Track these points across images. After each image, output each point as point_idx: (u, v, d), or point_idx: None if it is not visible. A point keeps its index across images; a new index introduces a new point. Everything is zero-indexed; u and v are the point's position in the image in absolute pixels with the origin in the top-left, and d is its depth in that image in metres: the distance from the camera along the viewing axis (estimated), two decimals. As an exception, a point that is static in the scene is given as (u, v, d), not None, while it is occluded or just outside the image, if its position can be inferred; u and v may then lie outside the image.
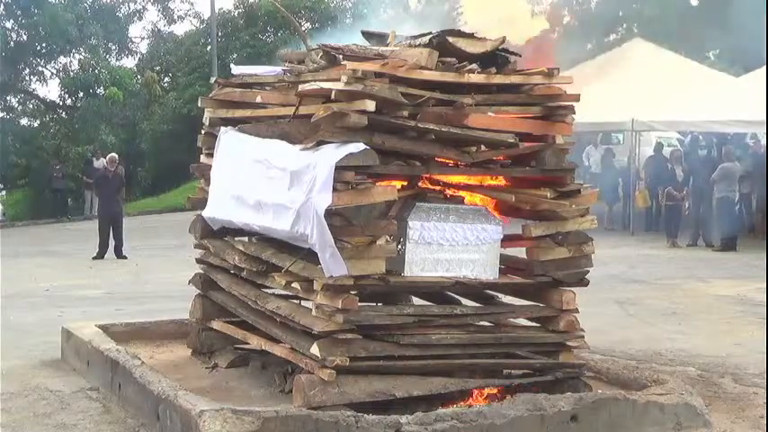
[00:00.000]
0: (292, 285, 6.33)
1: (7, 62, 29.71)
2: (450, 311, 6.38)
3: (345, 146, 5.81)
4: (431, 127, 6.09)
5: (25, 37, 30.83)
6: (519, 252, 6.70)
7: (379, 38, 7.09)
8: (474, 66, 6.25)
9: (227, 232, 7.42)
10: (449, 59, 6.19)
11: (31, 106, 33.69)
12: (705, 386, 7.30)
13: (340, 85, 5.88)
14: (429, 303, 6.94)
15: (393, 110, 5.97)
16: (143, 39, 36.57)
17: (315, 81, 6.32)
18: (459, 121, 6.15)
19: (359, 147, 5.79)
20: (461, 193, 6.78)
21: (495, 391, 6.39)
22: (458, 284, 6.38)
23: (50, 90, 34.01)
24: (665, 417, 6.12)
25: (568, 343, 6.56)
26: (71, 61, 32.40)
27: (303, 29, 7.99)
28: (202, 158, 7.90)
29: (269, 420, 5.29)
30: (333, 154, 5.80)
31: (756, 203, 19.61)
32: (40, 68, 32.42)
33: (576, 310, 6.54)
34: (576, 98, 6.49)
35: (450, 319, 6.32)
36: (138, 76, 32.99)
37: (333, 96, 5.96)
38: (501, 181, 6.70)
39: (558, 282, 6.54)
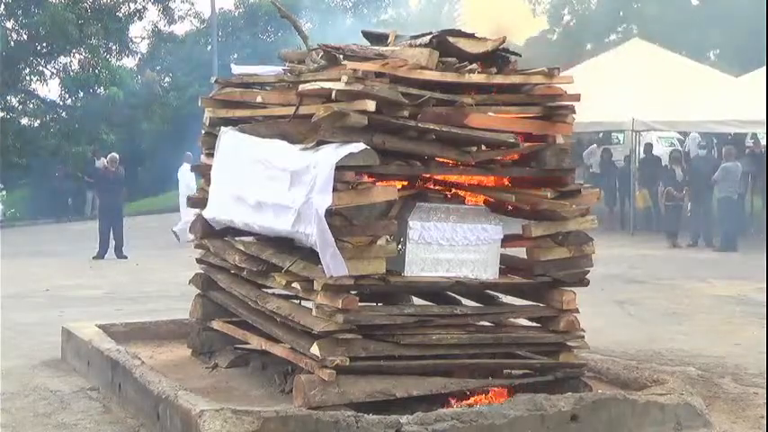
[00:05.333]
0: (292, 285, 6.33)
1: (7, 62, 29.69)
2: (451, 311, 6.38)
3: (346, 146, 5.81)
4: (431, 127, 6.09)
5: (25, 37, 30.80)
6: (519, 252, 6.70)
7: (380, 38, 7.09)
8: (474, 66, 6.25)
9: (227, 232, 7.42)
10: (449, 59, 6.19)
11: (31, 106, 33.60)
12: (705, 386, 7.30)
13: (340, 85, 5.88)
14: (429, 303, 6.94)
15: (393, 110, 5.97)
16: (143, 39, 36.49)
17: (315, 81, 6.32)
18: (460, 121, 6.15)
19: (359, 147, 5.79)
20: (462, 193, 6.78)
21: (495, 391, 6.39)
22: (458, 284, 6.38)
23: (50, 90, 33.87)
24: (665, 417, 6.12)
25: (568, 343, 6.56)
26: (71, 61, 32.35)
27: (304, 29, 7.95)
28: (202, 158, 7.91)
29: (269, 420, 5.29)
30: (333, 154, 5.80)
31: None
32: (40, 68, 32.36)
33: (576, 310, 6.53)
34: (577, 98, 6.49)
35: (450, 319, 6.32)
36: (138, 76, 32.96)
37: (333, 96, 5.96)
38: (501, 181, 6.71)
39: (559, 282, 6.53)
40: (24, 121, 33.25)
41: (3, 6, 30.23)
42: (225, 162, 7.23)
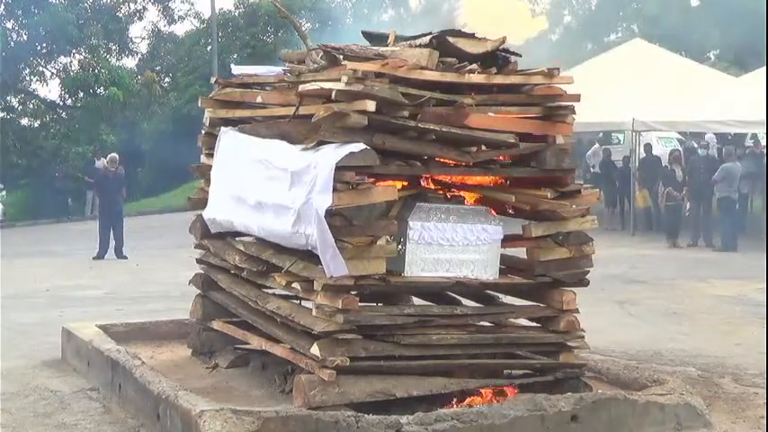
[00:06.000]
0: (292, 285, 6.33)
1: (7, 62, 29.68)
2: (451, 312, 6.38)
3: (346, 146, 5.81)
4: (431, 127, 6.09)
5: (25, 37, 30.79)
6: (519, 252, 6.71)
7: (380, 38, 7.09)
8: (474, 66, 6.25)
9: (228, 233, 7.41)
10: (449, 59, 6.19)
11: (31, 106, 33.60)
12: (705, 386, 7.30)
13: (340, 86, 5.89)
14: (429, 303, 6.94)
15: (393, 110, 5.97)
16: (143, 39, 36.49)
17: (315, 81, 6.32)
18: (460, 121, 6.15)
19: (359, 147, 5.80)
20: (462, 193, 6.78)
21: (495, 391, 6.39)
22: (458, 285, 6.38)
23: (50, 90, 33.86)
24: (665, 417, 6.12)
25: (569, 343, 6.56)
26: (71, 61, 32.35)
27: (303, 29, 7.96)
28: (202, 158, 7.91)
29: (269, 420, 5.30)
30: (333, 154, 5.80)
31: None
32: (40, 68, 32.36)
33: (577, 310, 6.54)
34: (577, 98, 6.49)
35: (450, 320, 6.32)
36: (138, 77, 32.94)
37: (333, 96, 5.96)
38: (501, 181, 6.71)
39: (559, 282, 6.54)
40: (24, 121, 33.27)
41: (3, 6, 30.22)
42: (225, 162, 7.23)
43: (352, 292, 5.98)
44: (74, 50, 31.71)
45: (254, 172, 6.65)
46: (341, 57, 6.28)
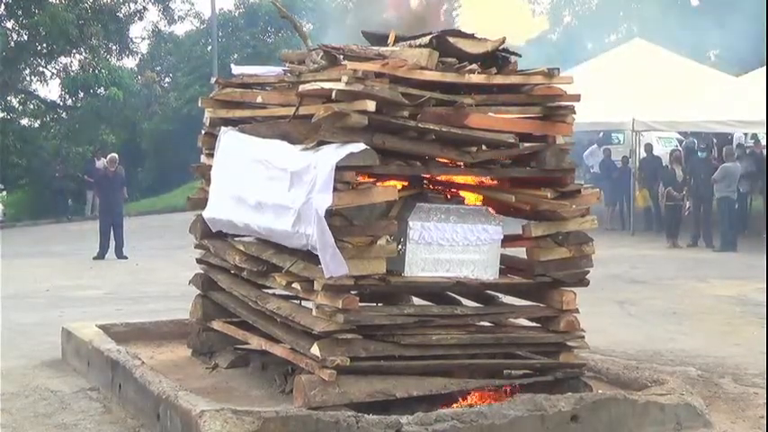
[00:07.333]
0: (293, 285, 6.33)
1: (7, 62, 29.68)
2: (451, 312, 6.38)
3: (346, 146, 5.82)
4: (431, 127, 6.09)
5: (25, 37, 30.78)
6: (519, 252, 6.71)
7: (380, 38, 7.09)
8: (474, 66, 6.26)
9: (228, 233, 7.41)
10: (449, 60, 6.19)
11: (31, 106, 33.60)
12: (705, 386, 7.30)
13: (340, 86, 5.89)
14: (429, 303, 6.95)
15: (393, 110, 5.98)
16: (143, 39, 36.52)
17: (315, 81, 6.32)
18: (460, 121, 6.15)
19: (359, 147, 5.80)
20: (462, 193, 6.78)
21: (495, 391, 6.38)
22: (458, 285, 6.38)
23: (51, 90, 33.85)
24: (665, 417, 6.13)
25: (568, 343, 6.56)
26: (71, 61, 32.35)
27: (304, 29, 8.00)
28: (203, 158, 7.91)
29: (269, 420, 5.30)
30: (333, 154, 5.80)
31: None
32: (41, 68, 32.35)
33: (576, 310, 6.54)
34: (577, 98, 6.49)
35: (450, 320, 6.32)
36: (139, 77, 32.96)
37: (333, 96, 5.97)
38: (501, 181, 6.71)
39: (559, 282, 6.54)
40: (25, 121, 33.27)
41: (3, 6, 30.21)
42: (225, 162, 7.24)
43: (352, 292, 5.98)
44: (74, 50, 31.70)
45: (255, 172, 6.66)
46: (341, 57, 6.28)
